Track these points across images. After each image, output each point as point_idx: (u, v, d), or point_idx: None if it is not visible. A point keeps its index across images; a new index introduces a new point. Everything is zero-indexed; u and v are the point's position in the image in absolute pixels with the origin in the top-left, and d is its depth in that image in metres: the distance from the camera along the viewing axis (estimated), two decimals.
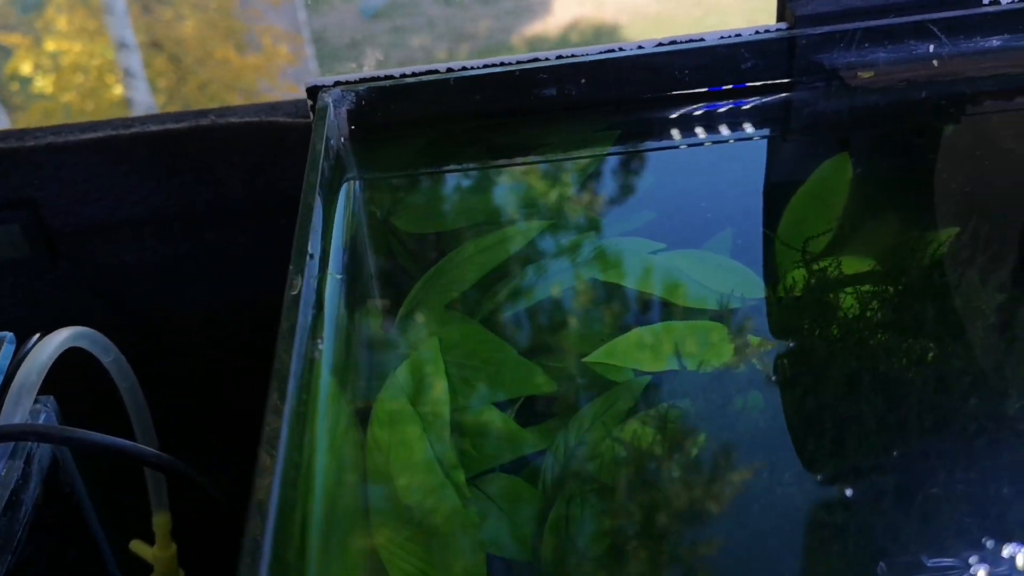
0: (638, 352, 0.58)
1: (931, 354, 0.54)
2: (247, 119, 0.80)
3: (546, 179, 0.74)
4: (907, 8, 0.75)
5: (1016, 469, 0.47)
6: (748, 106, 0.76)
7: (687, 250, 0.64)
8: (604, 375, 0.57)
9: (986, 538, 0.43)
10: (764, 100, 0.76)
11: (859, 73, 0.76)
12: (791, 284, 0.60)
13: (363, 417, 0.55)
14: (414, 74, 0.73)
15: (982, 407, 0.51)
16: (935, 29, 0.75)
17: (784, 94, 0.76)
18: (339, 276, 0.61)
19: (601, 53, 0.74)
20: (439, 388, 0.57)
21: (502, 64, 0.73)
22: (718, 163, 0.74)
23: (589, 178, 0.73)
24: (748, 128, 0.76)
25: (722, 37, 0.75)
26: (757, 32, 0.76)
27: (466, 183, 0.75)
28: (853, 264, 0.61)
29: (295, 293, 0.52)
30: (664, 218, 0.68)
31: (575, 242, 0.67)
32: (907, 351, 0.54)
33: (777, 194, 0.69)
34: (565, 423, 0.54)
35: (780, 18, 0.77)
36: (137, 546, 0.75)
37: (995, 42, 0.76)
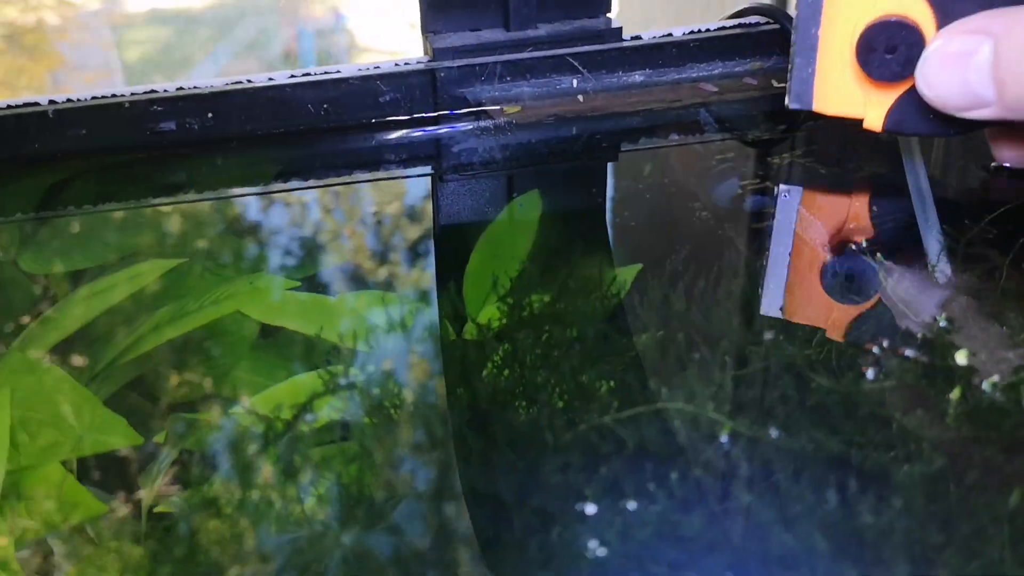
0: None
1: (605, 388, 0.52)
2: None
3: (189, 218, 0.69)
4: (546, 43, 0.73)
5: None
6: (405, 141, 0.73)
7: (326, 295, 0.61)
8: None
9: None
10: (416, 135, 0.73)
11: (504, 108, 0.74)
12: (477, 323, 0.57)
13: None
14: (9, 107, 0.66)
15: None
16: (576, 64, 0.74)
17: (435, 128, 0.74)
18: None
19: (227, 84, 0.70)
20: None
21: (113, 96, 0.68)
22: (391, 201, 0.71)
23: (239, 217, 0.69)
24: (412, 165, 0.72)
25: (359, 69, 0.72)
26: (396, 64, 0.73)
27: (102, 222, 0.70)
28: (537, 303, 0.58)
29: None
30: (330, 259, 0.64)
31: (209, 282, 0.63)
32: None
33: (463, 233, 0.66)
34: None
35: (425, 52, 0.74)
36: None
37: (638, 77, 0.75)
